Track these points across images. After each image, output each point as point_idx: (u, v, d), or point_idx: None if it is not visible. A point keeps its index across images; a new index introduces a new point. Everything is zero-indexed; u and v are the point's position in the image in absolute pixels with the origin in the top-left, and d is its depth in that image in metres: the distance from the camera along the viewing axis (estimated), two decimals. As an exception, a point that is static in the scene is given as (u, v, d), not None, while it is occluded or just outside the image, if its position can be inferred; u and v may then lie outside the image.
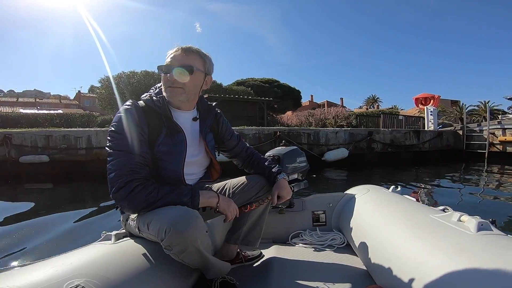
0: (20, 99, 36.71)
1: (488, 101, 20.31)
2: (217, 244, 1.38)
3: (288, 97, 23.14)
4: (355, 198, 1.63)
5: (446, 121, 15.15)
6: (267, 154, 1.68)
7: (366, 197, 1.59)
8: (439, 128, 11.34)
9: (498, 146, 8.86)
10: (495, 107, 20.43)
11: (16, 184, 5.99)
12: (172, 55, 1.05)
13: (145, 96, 1.09)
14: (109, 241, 1.02)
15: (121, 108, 1.00)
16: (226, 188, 1.23)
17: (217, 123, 1.26)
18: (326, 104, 33.32)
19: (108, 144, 0.95)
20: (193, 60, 1.06)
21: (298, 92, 24.96)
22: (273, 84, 23.56)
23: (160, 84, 1.11)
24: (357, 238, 1.35)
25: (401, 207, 1.29)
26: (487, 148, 8.89)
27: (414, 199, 1.47)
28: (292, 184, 1.53)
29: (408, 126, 12.56)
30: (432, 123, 11.00)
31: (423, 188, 5.17)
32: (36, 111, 23.20)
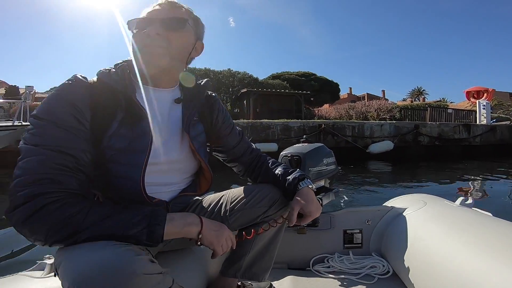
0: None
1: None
2: (210, 275, 1.04)
3: (325, 90, 22.99)
4: (405, 214, 1.26)
5: (502, 115, 14.07)
6: (283, 153, 1.38)
7: (423, 212, 1.21)
8: (493, 122, 10.71)
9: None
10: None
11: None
12: (151, 9, 0.73)
13: (103, 69, 0.73)
14: (40, 272, 0.83)
15: (60, 85, 0.66)
16: (222, 203, 0.89)
17: (210, 109, 0.89)
18: (366, 96, 32.29)
19: (23, 136, 0.60)
20: (183, 14, 0.76)
21: (336, 84, 24.64)
22: (309, 77, 23.56)
23: (123, 61, 0.75)
24: (411, 267, 1.03)
25: (479, 228, 0.96)
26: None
27: (490, 214, 1.13)
28: (319, 196, 1.15)
29: (458, 120, 11.98)
30: (484, 117, 10.47)
31: (477, 189, 4.70)
32: None
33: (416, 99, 39.05)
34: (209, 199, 0.93)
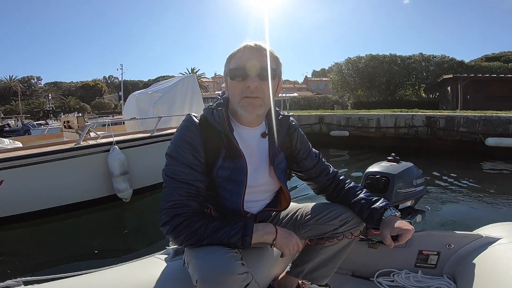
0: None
1: None
2: (277, 271, 1.18)
3: None
4: (498, 244, 1.15)
5: None
6: (369, 171, 1.34)
7: None
8: None
9: None
10: None
11: (325, 149, 8.65)
12: (244, 56, 0.85)
13: (209, 106, 0.94)
14: (167, 256, 1.02)
15: (179, 126, 0.89)
16: (298, 215, 1.06)
17: (290, 138, 1.02)
18: None
19: (163, 167, 0.85)
20: (271, 61, 0.86)
21: None
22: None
23: (222, 91, 0.95)
24: None
25: None
26: None
27: None
28: (407, 219, 1.18)
29: None
30: None
31: None
32: (281, 95, 30.03)
33: None
34: (288, 209, 1.06)
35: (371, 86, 18.49)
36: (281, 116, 1.00)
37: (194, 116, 0.89)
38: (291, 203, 1.06)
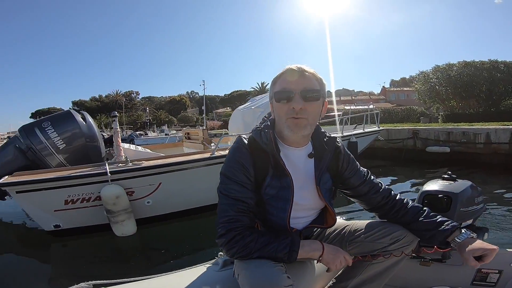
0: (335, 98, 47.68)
1: None
2: (319, 285, 1.18)
3: None
4: None
5: None
6: (427, 189, 1.28)
7: None
8: None
9: None
10: None
11: (420, 167, 8.12)
12: (288, 78, 0.91)
13: (256, 127, 0.99)
14: (217, 266, 1.09)
15: (231, 147, 0.98)
16: (345, 232, 1.07)
17: (336, 159, 1.04)
18: None
19: (218, 185, 0.93)
20: (314, 82, 0.92)
21: None
22: None
23: (268, 112, 1.00)
24: None
25: None
26: None
27: None
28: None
29: None
30: None
31: None
32: (355, 107, 28.39)
33: None
34: (334, 226, 1.08)
35: (467, 96, 16.33)
36: (327, 138, 1.03)
37: (244, 138, 0.97)
38: (338, 220, 1.09)
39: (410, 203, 1.06)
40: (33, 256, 3.28)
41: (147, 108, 38.85)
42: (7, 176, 3.00)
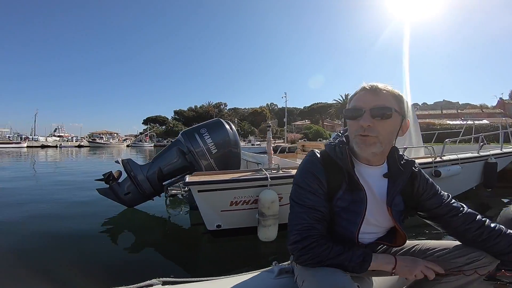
0: (432, 111, 42.28)
1: None
2: None
3: None
4: None
5: None
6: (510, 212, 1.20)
7: None
8: None
9: None
10: None
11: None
12: (358, 96, 0.94)
13: (330, 142, 1.02)
14: (272, 274, 1.10)
15: (303, 160, 1.02)
16: (415, 250, 1.04)
17: (411, 184, 1.02)
18: None
19: (291, 193, 0.98)
20: (387, 100, 0.91)
21: None
22: None
23: (344, 128, 1.04)
24: None
25: None
26: None
27: None
28: None
29: None
30: None
31: None
32: (462, 122, 24.25)
33: None
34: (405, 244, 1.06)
35: None
36: (404, 161, 1.02)
37: (317, 152, 1.02)
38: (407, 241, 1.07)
39: (504, 230, 0.98)
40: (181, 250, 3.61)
41: (236, 120, 41.73)
42: (188, 176, 3.40)
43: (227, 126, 4.61)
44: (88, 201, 5.61)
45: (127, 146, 45.23)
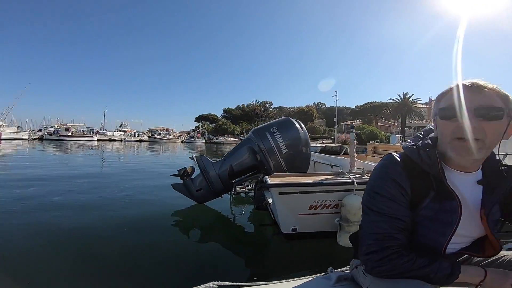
0: None
1: None
2: None
3: None
4: None
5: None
6: None
7: None
8: None
9: None
10: None
11: None
12: (457, 94, 0.80)
13: (410, 144, 0.91)
14: (329, 281, 1.06)
15: (379, 163, 0.92)
16: (504, 261, 0.96)
17: (511, 191, 0.88)
18: None
19: (364, 200, 0.91)
20: (493, 99, 0.78)
21: None
22: None
23: (428, 127, 0.97)
24: None
25: None
26: None
27: None
28: None
29: None
30: None
31: None
32: None
33: None
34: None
35: None
36: (506, 167, 0.91)
37: (396, 155, 0.91)
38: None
39: None
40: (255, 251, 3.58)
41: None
42: (267, 177, 3.34)
43: (298, 125, 4.46)
44: (159, 194, 5.98)
45: (181, 142, 48.18)
